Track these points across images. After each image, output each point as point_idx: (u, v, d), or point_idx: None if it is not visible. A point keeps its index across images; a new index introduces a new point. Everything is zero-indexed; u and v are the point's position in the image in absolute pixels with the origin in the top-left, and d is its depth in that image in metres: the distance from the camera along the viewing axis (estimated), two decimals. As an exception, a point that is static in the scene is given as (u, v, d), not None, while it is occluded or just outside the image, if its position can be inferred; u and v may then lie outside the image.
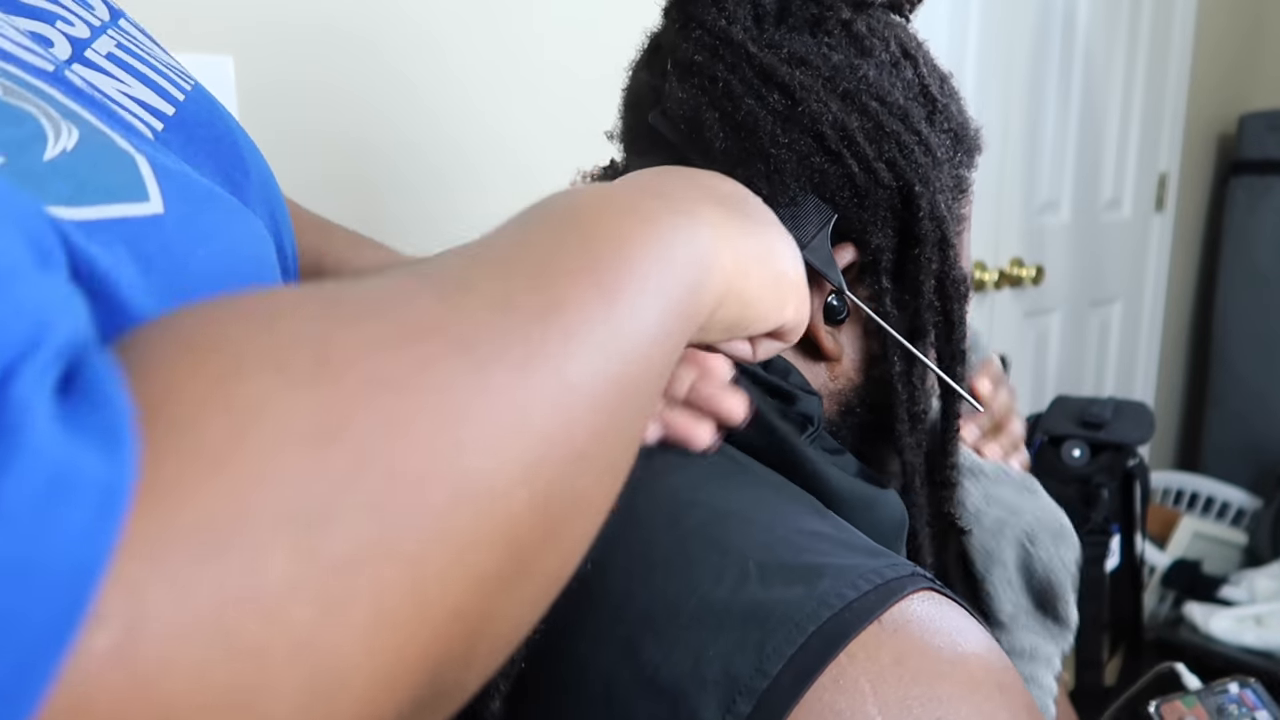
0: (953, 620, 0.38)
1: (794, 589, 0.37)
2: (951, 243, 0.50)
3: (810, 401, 0.49)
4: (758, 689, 0.34)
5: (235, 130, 0.37)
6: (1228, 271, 2.51)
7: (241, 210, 0.31)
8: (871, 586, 0.37)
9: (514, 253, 0.26)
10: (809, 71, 0.48)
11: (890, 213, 0.49)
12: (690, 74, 0.49)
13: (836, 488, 0.48)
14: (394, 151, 1.06)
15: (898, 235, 0.50)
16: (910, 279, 0.50)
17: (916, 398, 0.52)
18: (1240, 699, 0.65)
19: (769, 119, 0.48)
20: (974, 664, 0.37)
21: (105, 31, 0.34)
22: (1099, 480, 1.17)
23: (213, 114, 0.36)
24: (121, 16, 0.38)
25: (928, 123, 0.51)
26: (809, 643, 0.35)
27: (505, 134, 1.14)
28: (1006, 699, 0.37)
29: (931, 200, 0.49)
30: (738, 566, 0.38)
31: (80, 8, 0.34)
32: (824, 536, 0.41)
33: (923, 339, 0.51)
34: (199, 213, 0.28)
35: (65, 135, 0.25)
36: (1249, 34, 2.61)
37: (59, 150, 0.24)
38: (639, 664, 0.37)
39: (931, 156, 0.50)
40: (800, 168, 0.48)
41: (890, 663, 0.35)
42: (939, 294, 0.51)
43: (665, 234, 0.30)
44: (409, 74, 1.06)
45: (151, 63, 0.35)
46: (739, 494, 0.44)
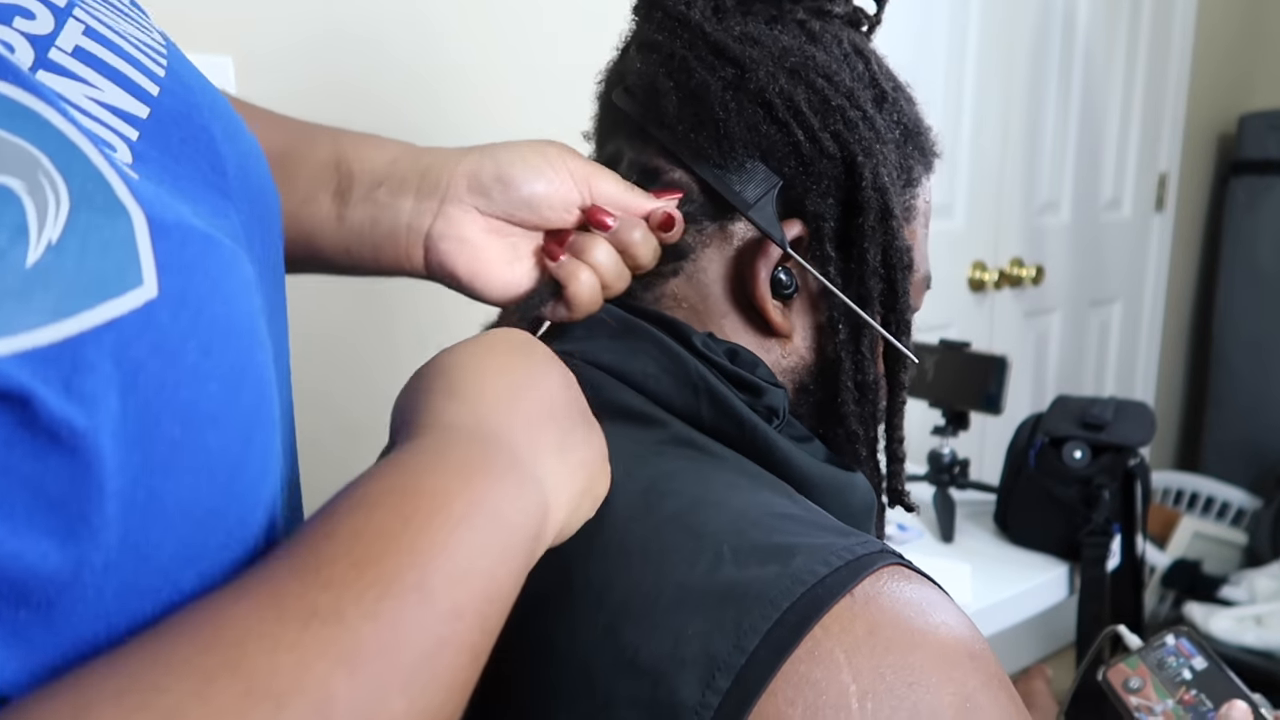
0: (923, 593, 0.39)
1: (768, 568, 0.38)
2: (894, 213, 0.52)
3: (776, 394, 0.50)
4: (736, 665, 0.35)
5: (209, 117, 0.35)
6: (1228, 271, 2.51)
7: (231, 254, 0.30)
8: (843, 563, 0.38)
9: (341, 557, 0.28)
10: (759, 49, 0.51)
11: (834, 182, 0.51)
12: (650, 51, 0.53)
13: (807, 473, 0.49)
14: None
15: (841, 205, 0.52)
16: (855, 248, 0.52)
17: (863, 366, 0.53)
18: (1177, 649, 0.67)
19: (719, 87, 0.50)
20: (945, 633, 0.38)
21: (70, 13, 0.31)
22: (1100, 481, 1.17)
23: (188, 103, 0.34)
24: None
25: (874, 106, 0.53)
26: (784, 618, 0.36)
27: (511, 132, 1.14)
28: (977, 666, 0.37)
29: (875, 171, 0.51)
30: (712, 550, 0.39)
31: None
32: (795, 518, 0.42)
33: (868, 308, 0.52)
34: (191, 281, 0.27)
35: (51, 212, 0.24)
36: (1249, 34, 2.62)
37: (43, 247, 0.23)
38: (619, 648, 0.37)
39: (875, 133, 0.52)
40: (749, 135, 0.50)
41: (864, 634, 0.36)
42: (883, 263, 0.52)
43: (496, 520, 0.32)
44: (412, 72, 1.06)
45: (122, 47, 0.33)
46: (712, 482, 0.44)
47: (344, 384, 1.12)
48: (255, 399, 0.29)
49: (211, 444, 0.27)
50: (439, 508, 0.31)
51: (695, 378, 0.48)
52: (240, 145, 0.37)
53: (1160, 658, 0.66)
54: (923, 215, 0.57)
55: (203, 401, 0.27)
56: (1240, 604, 2.02)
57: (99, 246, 0.25)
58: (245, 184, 0.36)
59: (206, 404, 0.27)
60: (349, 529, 0.29)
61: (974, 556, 1.23)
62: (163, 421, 0.25)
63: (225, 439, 0.28)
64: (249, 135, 0.39)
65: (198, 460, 0.26)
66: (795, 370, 0.54)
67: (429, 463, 0.33)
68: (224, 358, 0.28)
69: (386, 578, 0.28)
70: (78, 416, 0.23)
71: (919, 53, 1.78)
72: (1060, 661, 2.14)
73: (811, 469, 0.49)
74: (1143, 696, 0.63)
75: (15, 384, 0.21)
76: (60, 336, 0.23)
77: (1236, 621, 1.95)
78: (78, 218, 0.24)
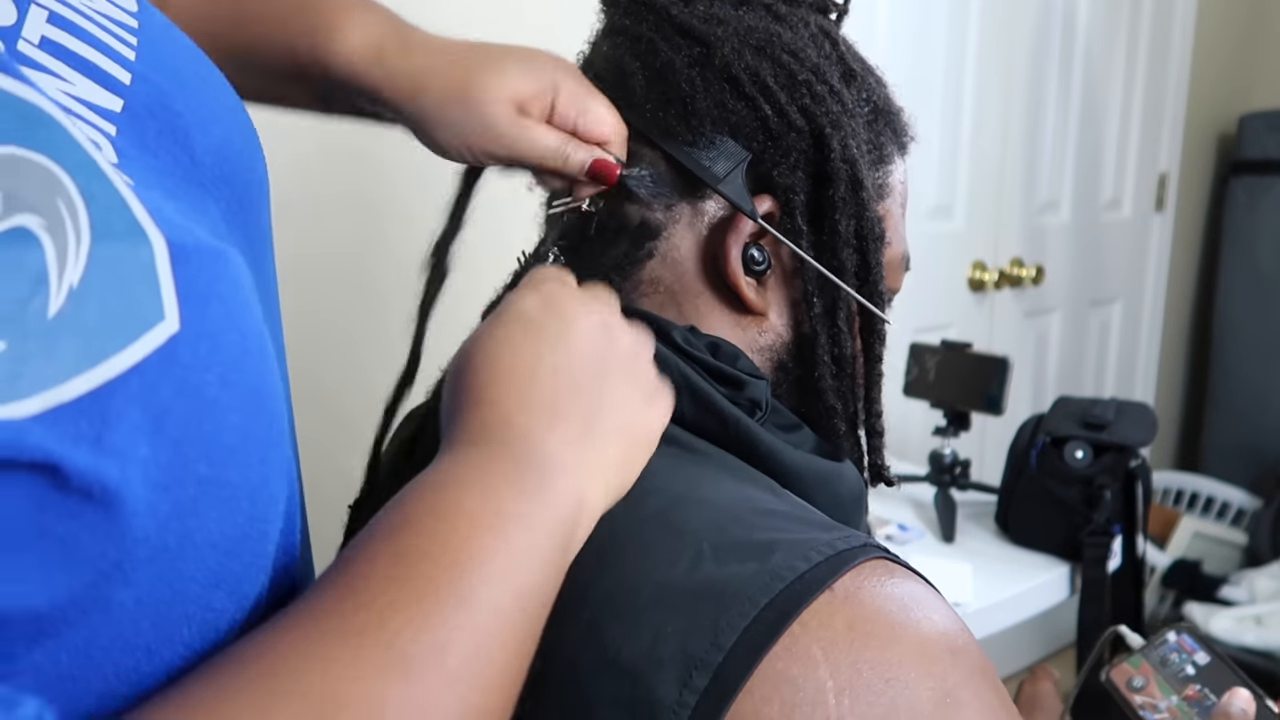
0: (905, 587, 0.39)
1: (747, 565, 0.38)
2: (864, 184, 0.52)
3: (758, 386, 0.50)
4: (713, 663, 0.35)
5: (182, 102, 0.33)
6: (1228, 271, 2.51)
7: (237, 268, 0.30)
8: (823, 558, 0.38)
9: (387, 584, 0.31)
10: (724, 27, 0.52)
11: (803, 156, 0.51)
12: (617, 34, 0.54)
13: (791, 465, 0.49)
14: (399, 150, 1.06)
15: (811, 179, 0.51)
16: (827, 220, 0.52)
17: (840, 340, 0.53)
18: (1179, 645, 0.66)
19: (685, 64, 0.51)
20: (926, 628, 0.37)
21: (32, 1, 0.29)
22: (1102, 481, 1.17)
23: (160, 89, 0.32)
24: None
25: (841, 82, 0.53)
26: (762, 615, 0.36)
27: None
28: (958, 661, 0.37)
29: (843, 143, 0.51)
30: (693, 548, 0.39)
31: None
32: (778, 514, 0.42)
33: (842, 280, 0.52)
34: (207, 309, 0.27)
35: (74, 246, 0.23)
36: (1249, 34, 2.62)
37: (65, 293, 0.23)
38: (601, 646, 0.37)
39: (844, 107, 0.52)
40: (716, 111, 0.51)
41: (842, 629, 0.36)
42: (856, 234, 0.52)
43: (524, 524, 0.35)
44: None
45: (90, 33, 0.30)
46: (694, 479, 0.44)
47: (335, 373, 1.12)
48: (269, 419, 0.29)
49: (235, 476, 0.27)
50: (472, 523, 0.34)
51: (675, 376, 0.48)
52: (217, 128, 0.35)
53: (1163, 655, 0.66)
54: (898, 195, 0.56)
55: (225, 434, 0.27)
56: (1240, 604, 2.02)
57: (121, 282, 0.24)
58: (223, 169, 0.35)
59: (229, 436, 0.27)
60: (390, 552, 0.32)
61: (975, 557, 1.23)
62: (190, 461, 0.25)
63: (247, 467, 0.28)
64: (227, 104, 0.37)
65: (223, 493, 0.27)
66: (772, 348, 0.53)
67: (460, 478, 0.36)
68: (241, 385, 0.28)
69: (428, 591, 0.30)
70: (109, 470, 0.23)
71: (919, 53, 1.78)
72: (1061, 662, 2.14)
73: (797, 461, 0.49)
74: (1147, 695, 0.63)
75: (43, 453, 0.21)
76: (88, 388, 0.23)
77: (1236, 621, 1.95)
78: (99, 251, 0.24)
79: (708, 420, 0.48)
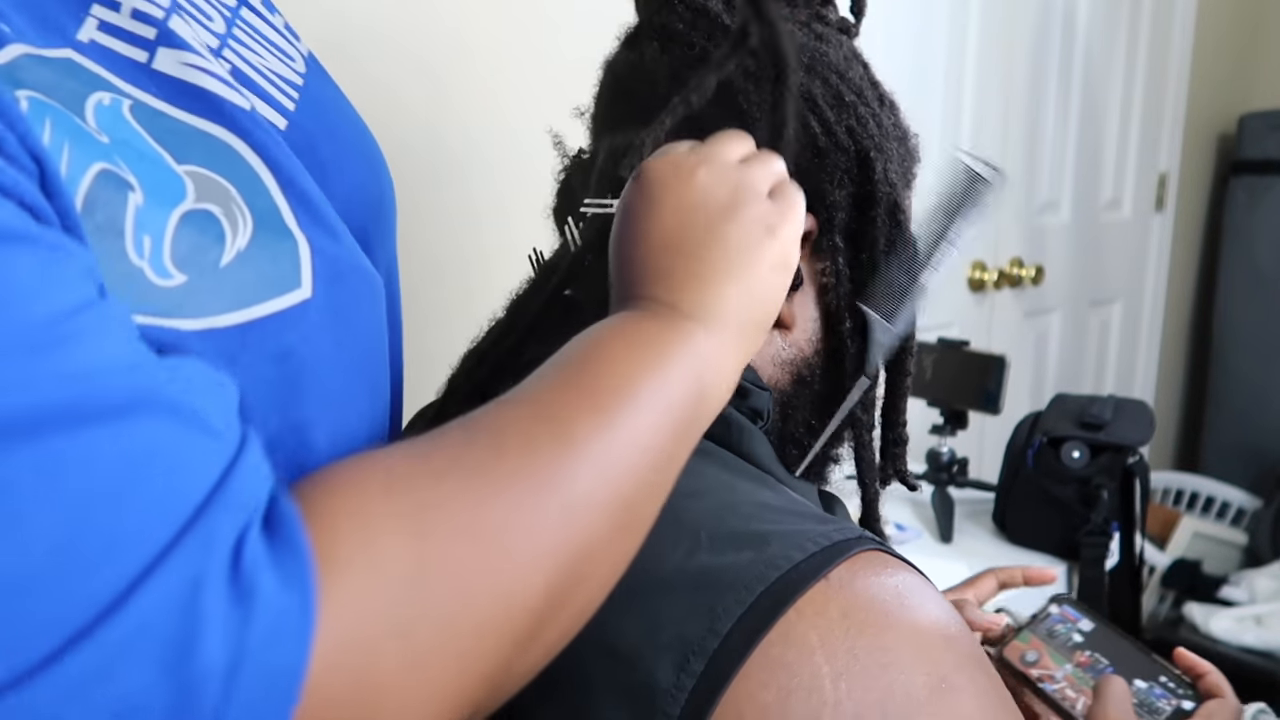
0: (899, 577, 0.40)
1: (743, 554, 0.39)
2: (901, 206, 0.53)
3: (760, 396, 0.51)
4: (709, 649, 0.36)
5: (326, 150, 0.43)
6: (1228, 271, 2.51)
7: (369, 276, 0.40)
8: (818, 548, 0.39)
9: (542, 397, 0.36)
10: None
11: (847, 175, 0.52)
12: (671, 41, 0.54)
13: (783, 477, 0.50)
14: (409, 146, 1.06)
15: (852, 199, 0.53)
16: (866, 239, 0.53)
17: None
18: (1063, 616, 0.69)
19: (741, 78, 0.52)
20: (920, 616, 0.38)
21: (219, 54, 0.39)
22: (1099, 481, 1.17)
23: (311, 134, 0.42)
24: (242, 6, 0.42)
25: (879, 105, 0.55)
26: (758, 602, 0.37)
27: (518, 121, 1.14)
28: (952, 648, 0.38)
29: (885, 166, 0.53)
30: (690, 537, 0.40)
31: (201, 27, 0.39)
32: (774, 507, 0.43)
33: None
34: (338, 290, 0.36)
35: (242, 228, 0.33)
36: (1249, 34, 2.62)
37: (234, 254, 0.33)
38: (599, 633, 0.38)
39: (883, 131, 0.54)
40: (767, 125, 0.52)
41: (837, 616, 0.37)
42: (892, 251, 0.54)
43: (668, 363, 0.39)
44: (420, 60, 1.06)
45: (259, 85, 0.40)
46: (694, 473, 0.45)
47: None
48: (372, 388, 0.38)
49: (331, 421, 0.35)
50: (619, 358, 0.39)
51: None
52: (352, 174, 0.45)
53: (1049, 627, 0.68)
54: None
55: (331, 383, 0.35)
56: (1240, 604, 2.02)
57: (272, 258, 0.34)
58: (349, 205, 0.44)
59: (334, 386, 0.35)
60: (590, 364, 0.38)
61: (972, 556, 1.23)
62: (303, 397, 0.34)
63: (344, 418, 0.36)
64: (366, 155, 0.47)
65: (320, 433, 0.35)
66: (793, 362, 0.54)
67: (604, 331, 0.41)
68: (352, 351, 0.36)
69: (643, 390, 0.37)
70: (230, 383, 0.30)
71: (919, 53, 1.78)
72: (1060, 661, 2.14)
73: (787, 475, 0.51)
74: (1041, 667, 0.65)
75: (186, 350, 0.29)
76: (235, 323, 0.32)
77: (1236, 621, 1.94)
78: (259, 237, 0.33)
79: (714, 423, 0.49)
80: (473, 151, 1.12)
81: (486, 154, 1.13)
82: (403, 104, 1.06)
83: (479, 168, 1.13)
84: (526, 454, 0.33)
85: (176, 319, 0.30)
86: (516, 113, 1.14)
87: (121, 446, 0.24)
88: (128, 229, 0.30)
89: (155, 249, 0.30)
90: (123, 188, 0.30)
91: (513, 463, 0.32)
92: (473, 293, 0.55)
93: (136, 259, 0.30)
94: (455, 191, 1.11)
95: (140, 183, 0.31)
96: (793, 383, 0.54)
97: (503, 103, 1.14)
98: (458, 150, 1.11)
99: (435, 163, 1.10)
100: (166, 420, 0.25)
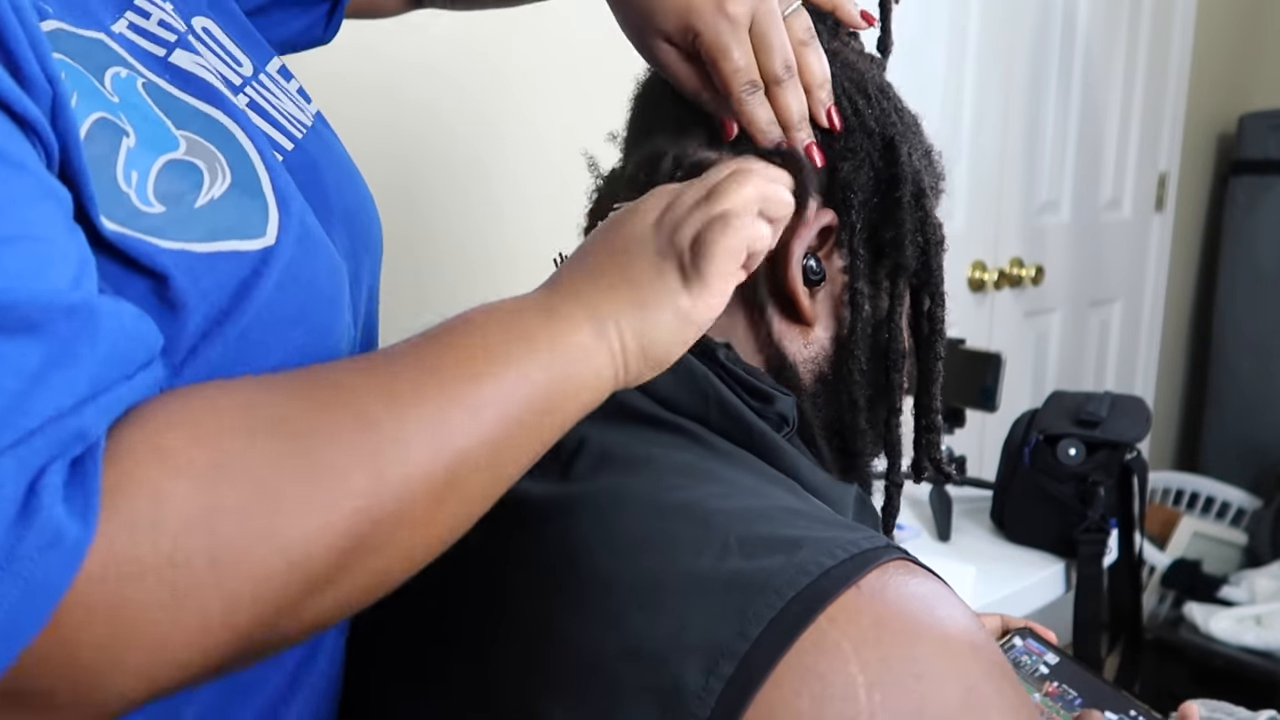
0: (927, 587, 0.40)
1: (774, 558, 0.38)
2: (926, 192, 0.54)
3: (786, 402, 0.51)
4: (739, 652, 0.36)
5: (327, 174, 0.48)
6: (1228, 271, 2.51)
7: (330, 251, 0.43)
8: (848, 555, 0.39)
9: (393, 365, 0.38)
10: None
11: (868, 158, 0.54)
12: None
13: (810, 479, 0.50)
14: (432, 151, 1.06)
15: (874, 182, 0.54)
16: (892, 219, 0.53)
17: (896, 339, 0.54)
18: (1027, 649, 0.68)
19: None
20: (949, 626, 0.38)
21: (242, 90, 0.45)
22: (1096, 478, 1.17)
23: (313, 159, 0.47)
24: (261, 69, 0.48)
25: (902, 109, 0.57)
26: (789, 607, 0.37)
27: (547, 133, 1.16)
28: (980, 658, 0.38)
29: (910, 152, 0.53)
30: (719, 541, 0.40)
31: (229, 68, 0.45)
32: (802, 513, 0.43)
33: (900, 280, 0.54)
34: (297, 248, 0.40)
35: (220, 181, 0.38)
36: (1249, 34, 2.62)
37: (208, 199, 0.37)
38: (625, 635, 0.38)
39: (906, 126, 0.55)
40: None
41: (870, 626, 0.37)
42: (920, 235, 0.54)
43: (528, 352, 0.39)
44: (450, 78, 1.07)
45: (274, 117, 0.46)
46: (721, 477, 0.45)
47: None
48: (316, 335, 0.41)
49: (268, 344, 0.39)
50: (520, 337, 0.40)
51: (704, 384, 0.49)
52: (350, 197, 0.50)
53: (1014, 658, 0.67)
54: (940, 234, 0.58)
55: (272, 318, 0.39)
56: (1240, 604, 2.02)
57: (242, 209, 0.38)
58: (347, 218, 0.48)
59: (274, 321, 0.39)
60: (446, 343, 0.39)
61: (970, 554, 1.23)
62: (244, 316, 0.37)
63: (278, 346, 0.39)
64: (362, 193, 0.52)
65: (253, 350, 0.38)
66: (815, 360, 0.54)
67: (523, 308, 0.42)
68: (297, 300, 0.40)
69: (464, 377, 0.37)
70: (193, 298, 0.36)
71: (919, 52, 1.78)
72: (1060, 661, 2.14)
73: (815, 477, 0.50)
74: None
75: (163, 267, 0.35)
76: (205, 250, 0.36)
77: (1236, 621, 1.94)
78: (233, 191, 0.38)
79: (733, 429, 0.49)
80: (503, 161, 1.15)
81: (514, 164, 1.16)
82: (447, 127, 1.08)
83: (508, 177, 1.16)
84: (351, 421, 0.35)
85: (157, 239, 0.35)
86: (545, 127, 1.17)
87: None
88: (119, 163, 0.35)
89: (141, 182, 0.35)
90: (118, 133, 0.35)
91: (331, 428, 0.34)
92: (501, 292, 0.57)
93: (125, 187, 0.35)
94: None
95: (136, 133, 0.36)
96: (814, 380, 0.54)
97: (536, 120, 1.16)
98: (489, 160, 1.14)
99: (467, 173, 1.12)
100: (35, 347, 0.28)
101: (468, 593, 0.47)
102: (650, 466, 0.45)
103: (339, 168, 0.50)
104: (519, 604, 0.43)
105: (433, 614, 0.48)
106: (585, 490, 0.45)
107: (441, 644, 0.47)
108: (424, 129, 1.09)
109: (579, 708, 0.38)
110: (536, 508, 0.46)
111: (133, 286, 0.34)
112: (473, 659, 0.44)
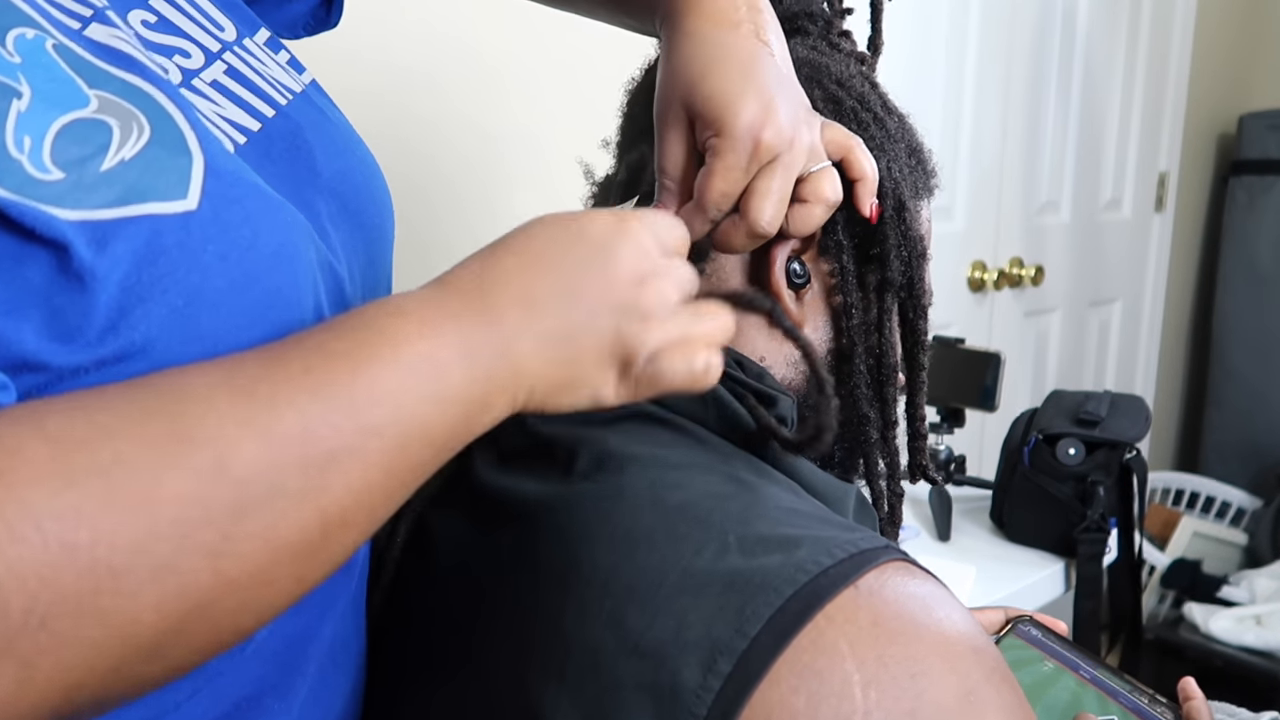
0: (926, 588, 0.40)
1: (772, 557, 0.39)
2: (907, 205, 0.54)
3: (785, 403, 0.51)
4: (737, 649, 0.36)
5: (314, 138, 0.45)
6: (1228, 271, 2.51)
7: (281, 206, 0.39)
8: (847, 555, 0.39)
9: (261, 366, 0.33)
10: None
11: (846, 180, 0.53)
12: None
13: (810, 480, 0.50)
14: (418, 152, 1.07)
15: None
16: (876, 234, 0.54)
17: (884, 349, 0.55)
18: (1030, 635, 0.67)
19: None
20: (947, 627, 0.39)
21: (220, 57, 0.43)
22: (1095, 477, 1.17)
23: (297, 124, 0.44)
24: (247, 36, 0.45)
25: (883, 110, 0.56)
26: (787, 605, 0.37)
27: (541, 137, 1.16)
28: (979, 659, 0.38)
29: (888, 165, 0.53)
30: (718, 539, 0.40)
31: (205, 34, 0.43)
32: (801, 513, 0.43)
33: (887, 294, 0.54)
34: (230, 207, 0.36)
35: (134, 140, 0.35)
36: (1249, 34, 2.62)
37: (117, 160, 0.34)
38: (624, 632, 0.38)
39: (887, 134, 0.54)
40: None
41: (867, 624, 0.37)
42: (902, 245, 0.54)
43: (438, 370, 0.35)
44: (436, 82, 1.07)
45: (255, 83, 0.44)
46: (720, 475, 0.45)
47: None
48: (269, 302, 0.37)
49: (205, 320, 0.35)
50: (391, 346, 0.34)
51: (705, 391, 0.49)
52: (340, 161, 0.47)
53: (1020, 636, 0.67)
54: (926, 234, 0.58)
55: (206, 289, 0.35)
56: (1240, 604, 2.02)
57: (159, 169, 0.35)
58: (339, 187, 0.46)
59: (209, 292, 0.35)
60: (316, 342, 0.34)
61: (970, 554, 1.23)
62: (169, 291, 0.34)
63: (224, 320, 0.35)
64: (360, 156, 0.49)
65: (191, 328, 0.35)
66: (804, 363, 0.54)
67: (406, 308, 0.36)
68: (239, 265, 0.36)
69: (324, 384, 0.32)
70: (101, 268, 0.32)
71: (919, 53, 1.78)
72: (1060, 661, 2.14)
73: (815, 476, 0.51)
74: None
75: (63, 235, 0.32)
76: (110, 217, 0.33)
77: (1236, 621, 1.94)
78: (150, 150, 0.35)
79: (734, 431, 0.50)
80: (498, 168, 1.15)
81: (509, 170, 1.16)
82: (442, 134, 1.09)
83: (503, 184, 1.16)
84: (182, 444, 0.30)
85: (55, 208, 0.32)
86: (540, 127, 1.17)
87: None
88: (8, 128, 0.32)
89: (35, 148, 0.33)
90: (9, 94, 0.33)
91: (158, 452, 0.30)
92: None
93: (16, 153, 0.32)
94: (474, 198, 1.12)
95: (36, 92, 0.33)
96: (805, 382, 0.55)
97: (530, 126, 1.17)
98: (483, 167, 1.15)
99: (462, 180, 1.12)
100: None
101: (469, 591, 0.47)
102: (650, 466, 0.45)
103: (330, 135, 0.47)
104: (520, 602, 0.44)
105: (436, 610, 0.48)
106: (585, 489, 0.45)
107: (445, 640, 0.47)
108: (419, 136, 1.09)
109: (579, 704, 0.38)
110: (537, 506, 0.46)
111: (33, 259, 0.31)
112: (474, 656, 0.44)
